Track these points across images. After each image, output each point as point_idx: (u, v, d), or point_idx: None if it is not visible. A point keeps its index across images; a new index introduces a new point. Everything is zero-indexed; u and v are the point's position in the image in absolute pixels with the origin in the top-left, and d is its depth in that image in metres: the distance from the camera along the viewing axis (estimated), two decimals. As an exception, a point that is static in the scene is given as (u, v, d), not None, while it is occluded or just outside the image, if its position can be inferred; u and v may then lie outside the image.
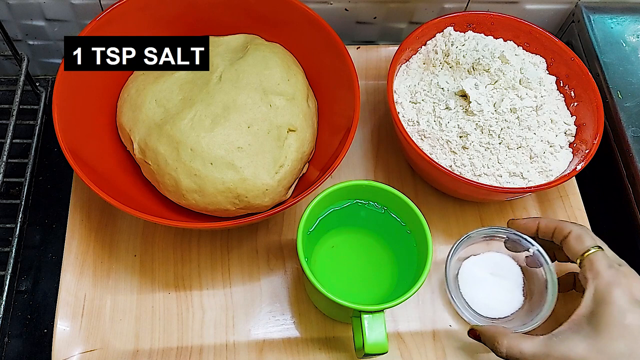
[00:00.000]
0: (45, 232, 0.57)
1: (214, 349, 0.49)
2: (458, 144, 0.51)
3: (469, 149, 0.51)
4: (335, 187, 0.46)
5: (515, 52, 0.56)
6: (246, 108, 0.49)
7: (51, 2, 0.57)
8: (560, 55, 0.55)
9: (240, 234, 0.54)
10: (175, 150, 0.47)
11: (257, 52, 0.52)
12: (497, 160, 0.51)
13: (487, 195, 0.52)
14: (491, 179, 0.51)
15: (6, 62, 0.64)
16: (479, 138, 0.51)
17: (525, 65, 0.55)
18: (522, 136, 0.51)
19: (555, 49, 0.55)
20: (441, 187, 0.55)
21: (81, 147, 0.47)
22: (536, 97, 0.53)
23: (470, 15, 0.56)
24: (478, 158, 0.51)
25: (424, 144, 0.52)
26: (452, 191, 0.54)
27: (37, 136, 0.59)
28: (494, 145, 0.51)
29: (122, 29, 0.51)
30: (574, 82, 0.54)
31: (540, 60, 0.56)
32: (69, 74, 0.47)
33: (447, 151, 0.51)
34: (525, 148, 0.51)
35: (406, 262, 0.48)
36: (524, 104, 0.51)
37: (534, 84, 0.53)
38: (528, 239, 0.49)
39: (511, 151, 0.51)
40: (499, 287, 0.50)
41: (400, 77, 0.56)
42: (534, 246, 0.48)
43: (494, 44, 0.55)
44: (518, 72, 0.53)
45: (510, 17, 0.56)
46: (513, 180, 0.51)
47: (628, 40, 0.61)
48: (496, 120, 0.51)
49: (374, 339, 0.42)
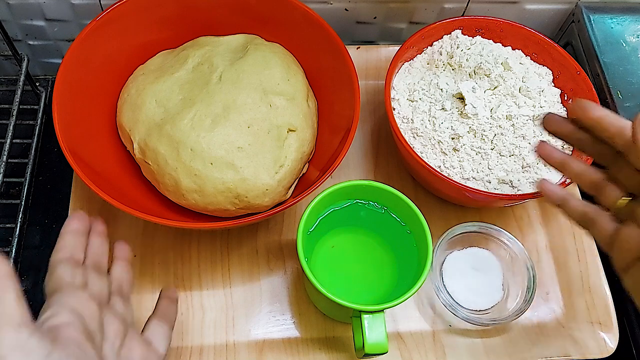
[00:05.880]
0: (45, 232, 0.57)
1: (214, 349, 0.49)
2: (449, 145, 0.51)
3: (460, 151, 0.51)
4: (335, 187, 0.46)
5: (520, 60, 0.56)
6: (246, 108, 0.49)
7: (51, 2, 0.57)
8: (567, 68, 0.54)
9: (240, 234, 0.54)
10: (175, 150, 0.47)
11: (257, 52, 0.52)
12: (487, 166, 0.51)
13: (473, 199, 0.51)
14: (479, 184, 0.51)
15: (6, 62, 0.64)
16: (471, 141, 0.51)
17: (529, 74, 0.54)
18: (515, 144, 0.51)
19: (562, 62, 0.55)
20: (429, 187, 0.55)
21: (81, 147, 0.47)
22: (534, 106, 0.53)
23: (480, 20, 0.56)
24: (468, 161, 0.51)
25: (416, 142, 0.52)
26: (438, 191, 0.54)
27: (37, 136, 0.59)
28: (485, 150, 0.51)
29: (122, 29, 0.51)
30: (578, 97, 0.54)
31: (547, 72, 0.56)
32: (69, 74, 0.47)
33: (438, 152, 0.51)
34: (517, 157, 0.51)
35: (406, 262, 0.48)
36: (521, 112, 0.51)
37: (533, 93, 0.53)
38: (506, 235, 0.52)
39: (503, 158, 0.51)
40: (479, 281, 0.52)
41: (401, 75, 0.56)
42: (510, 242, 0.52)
43: (499, 51, 0.55)
44: (519, 81, 0.53)
45: (520, 26, 0.56)
46: (502, 188, 0.51)
47: (628, 40, 0.61)
48: (490, 126, 0.51)
49: (374, 339, 0.42)
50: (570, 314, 0.52)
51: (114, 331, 0.37)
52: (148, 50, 0.54)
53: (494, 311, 0.51)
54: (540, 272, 0.54)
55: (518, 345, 0.51)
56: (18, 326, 0.29)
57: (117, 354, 0.37)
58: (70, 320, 0.33)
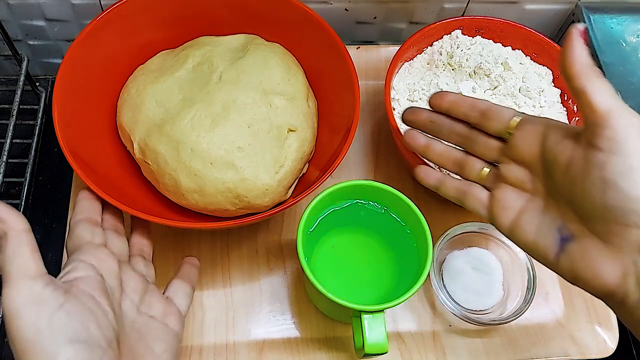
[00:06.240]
0: (45, 232, 0.57)
1: (214, 349, 0.49)
2: None
3: None
4: (335, 187, 0.46)
5: (520, 60, 0.56)
6: (246, 108, 0.49)
7: (51, 2, 0.57)
8: None
9: (240, 234, 0.54)
10: (175, 150, 0.47)
11: (257, 52, 0.52)
12: None
13: None
14: None
15: (6, 62, 0.64)
16: None
17: (529, 74, 0.54)
18: None
19: None
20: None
21: (81, 147, 0.47)
22: (534, 106, 0.53)
23: (480, 20, 0.56)
24: None
25: None
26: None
27: (37, 136, 0.59)
28: None
29: (122, 29, 0.51)
30: None
31: (547, 72, 0.56)
32: (69, 74, 0.47)
33: None
34: None
35: (406, 262, 0.48)
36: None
37: (533, 93, 0.53)
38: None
39: None
40: (479, 281, 0.52)
41: (401, 75, 0.56)
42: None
43: (499, 51, 0.55)
44: (519, 80, 0.53)
45: (520, 26, 0.55)
46: None
47: (628, 40, 0.61)
48: None
49: (374, 339, 0.42)
50: (570, 314, 0.52)
51: (134, 287, 0.38)
52: (148, 50, 0.54)
53: (494, 311, 0.51)
54: (540, 272, 0.53)
55: (518, 345, 0.51)
56: (33, 278, 0.30)
57: (137, 309, 0.37)
58: (87, 275, 0.34)
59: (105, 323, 0.32)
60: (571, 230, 0.35)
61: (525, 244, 0.38)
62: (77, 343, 0.29)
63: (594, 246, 0.34)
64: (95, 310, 0.32)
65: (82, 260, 0.35)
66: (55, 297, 0.30)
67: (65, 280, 0.33)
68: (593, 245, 0.34)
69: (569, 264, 0.35)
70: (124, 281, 0.38)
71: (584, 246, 0.34)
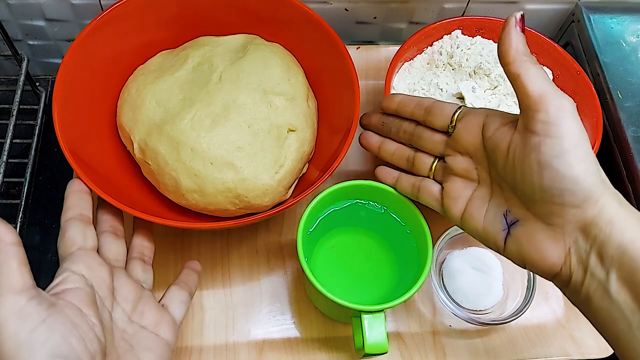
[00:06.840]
0: (45, 232, 0.57)
1: (214, 349, 0.49)
2: None
3: None
4: (335, 187, 0.46)
5: None
6: (246, 108, 0.49)
7: (51, 2, 0.57)
8: (567, 68, 0.54)
9: (240, 234, 0.54)
10: (175, 150, 0.47)
11: (257, 52, 0.52)
12: None
13: None
14: None
15: (6, 62, 0.64)
16: None
17: None
18: None
19: (562, 62, 0.55)
20: None
21: (81, 147, 0.47)
22: None
23: (480, 20, 0.56)
24: None
25: None
26: None
27: (37, 136, 0.59)
28: None
29: (122, 29, 0.51)
30: (578, 97, 0.53)
31: (547, 72, 0.56)
32: (69, 74, 0.47)
33: None
34: None
35: (406, 262, 0.48)
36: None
37: None
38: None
39: None
40: (479, 281, 0.52)
41: (401, 75, 0.56)
42: None
43: None
44: None
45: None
46: None
47: (628, 40, 0.61)
48: None
49: (374, 339, 0.42)
50: (570, 314, 0.52)
51: (126, 295, 0.38)
52: (148, 50, 0.54)
53: (494, 311, 0.51)
54: (540, 272, 0.54)
55: (518, 345, 0.51)
56: (18, 292, 0.30)
57: (128, 319, 0.37)
58: (76, 287, 0.34)
59: (90, 336, 0.32)
60: (516, 215, 0.36)
61: (476, 232, 0.39)
62: (57, 358, 0.29)
63: (538, 228, 0.35)
64: (80, 324, 0.32)
65: (73, 271, 0.35)
66: (39, 311, 0.30)
67: (53, 292, 0.33)
68: (537, 227, 0.35)
69: (516, 248, 0.36)
70: (116, 289, 0.37)
71: (529, 229, 0.35)
